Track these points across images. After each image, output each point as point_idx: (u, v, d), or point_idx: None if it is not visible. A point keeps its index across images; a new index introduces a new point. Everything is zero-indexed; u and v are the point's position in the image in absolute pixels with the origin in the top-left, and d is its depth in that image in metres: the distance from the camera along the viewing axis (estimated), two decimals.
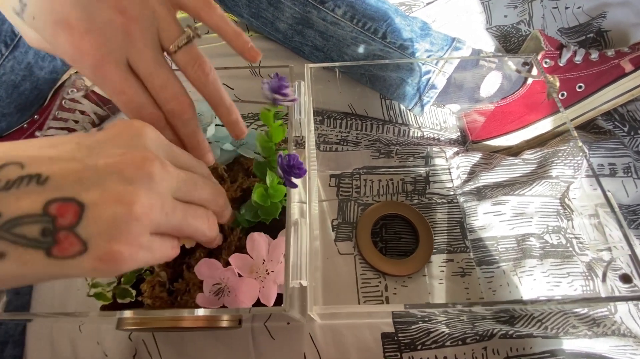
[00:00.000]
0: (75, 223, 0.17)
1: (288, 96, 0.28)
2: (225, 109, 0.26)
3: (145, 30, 0.22)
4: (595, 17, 0.61)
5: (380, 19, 0.48)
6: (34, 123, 0.54)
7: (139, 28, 0.22)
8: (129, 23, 0.21)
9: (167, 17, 0.23)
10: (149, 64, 0.23)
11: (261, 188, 0.30)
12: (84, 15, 0.21)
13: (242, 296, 0.29)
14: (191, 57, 0.24)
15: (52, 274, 0.18)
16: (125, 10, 0.21)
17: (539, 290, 0.40)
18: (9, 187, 0.17)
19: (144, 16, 0.22)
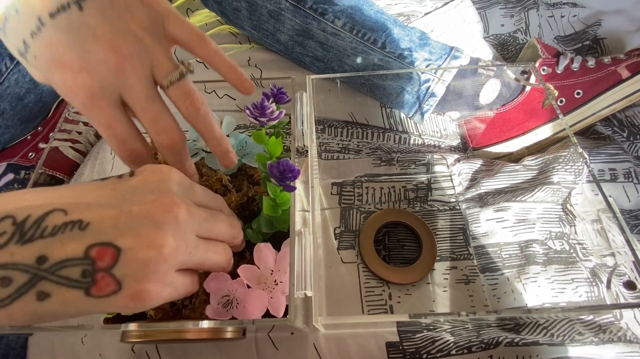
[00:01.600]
0: (112, 265, 0.19)
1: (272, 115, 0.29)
2: (216, 141, 0.27)
3: (138, 68, 0.23)
4: (590, 25, 0.62)
5: (380, 29, 0.48)
6: (37, 134, 0.55)
7: (132, 66, 0.23)
8: (123, 61, 0.23)
9: (161, 54, 0.24)
10: (141, 100, 0.24)
11: (269, 201, 0.31)
12: (78, 55, 0.22)
13: (251, 307, 0.28)
14: (183, 92, 0.25)
15: (88, 311, 0.20)
16: (119, 49, 0.22)
17: (544, 296, 0.40)
18: (54, 233, 0.19)
19: (137, 53, 0.23)
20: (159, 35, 0.24)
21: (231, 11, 0.53)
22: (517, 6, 0.66)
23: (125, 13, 0.23)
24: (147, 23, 0.24)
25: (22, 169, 0.53)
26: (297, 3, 0.48)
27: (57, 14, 0.22)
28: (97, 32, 0.22)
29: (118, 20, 0.23)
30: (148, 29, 0.24)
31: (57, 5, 0.22)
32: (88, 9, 0.22)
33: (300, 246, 0.28)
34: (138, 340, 0.29)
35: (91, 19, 0.22)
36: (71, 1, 0.22)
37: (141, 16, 0.24)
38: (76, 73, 0.22)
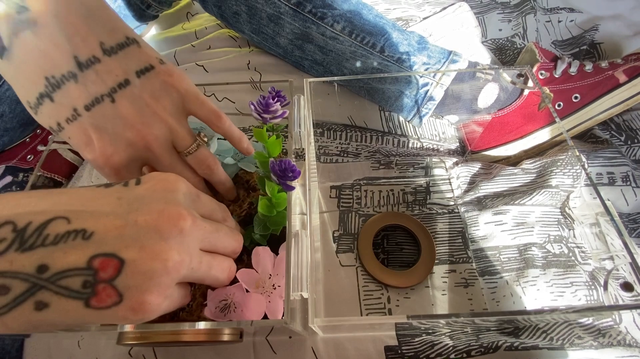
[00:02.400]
0: (114, 277, 0.19)
1: (276, 112, 0.29)
2: (222, 186, 0.32)
3: (162, 143, 0.27)
4: (587, 29, 0.63)
5: (378, 33, 0.49)
6: (36, 137, 0.55)
7: (157, 143, 0.26)
8: (149, 143, 0.26)
9: (181, 131, 0.28)
10: (165, 166, 0.28)
11: (265, 200, 0.31)
12: (111, 142, 0.25)
13: (249, 312, 0.28)
14: (199, 159, 0.29)
15: (85, 322, 0.19)
16: (146, 135, 0.26)
17: (543, 300, 0.39)
18: (57, 242, 0.19)
19: (161, 133, 0.27)
20: (180, 115, 0.28)
21: (231, 15, 0.53)
22: (514, 11, 0.67)
23: (152, 100, 0.26)
24: (170, 106, 0.27)
25: (21, 172, 0.53)
26: (296, 7, 0.48)
27: (92, 107, 0.24)
28: (128, 121, 0.25)
29: (145, 108, 0.26)
30: (171, 112, 0.27)
31: (92, 99, 0.24)
32: (120, 101, 0.25)
33: (297, 248, 0.28)
34: (135, 342, 0.29)
35: (123, 109, 0.25)
36: (105, 94, 0.25)
37: (166, 101, 0.27)
38: (108, 157, 0.26)
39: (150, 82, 0.26)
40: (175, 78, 0.27)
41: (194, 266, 0.22)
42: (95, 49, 0.24)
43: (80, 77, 0.24)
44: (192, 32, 0.65)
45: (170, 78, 0.27)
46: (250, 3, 0.50)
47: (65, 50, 0.23)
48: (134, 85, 0.25)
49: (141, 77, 0.26)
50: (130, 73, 0.25)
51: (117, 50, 0.25)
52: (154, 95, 0.26)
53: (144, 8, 0.57)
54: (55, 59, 0.23)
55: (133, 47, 0.26)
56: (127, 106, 0.25)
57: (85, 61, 0.24)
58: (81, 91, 0.24)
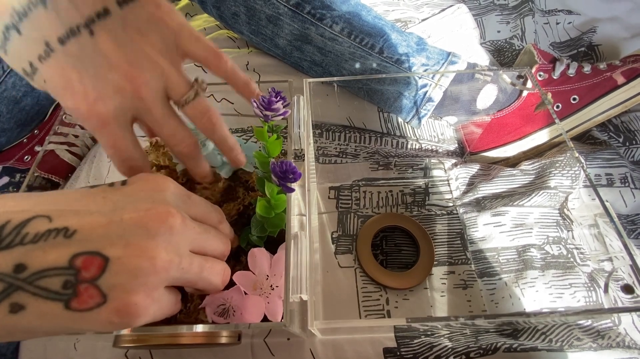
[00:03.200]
0: (97, 276, 0.17)
1: (278, 111, 0.29)
2: (229, 147, 0.29)
3: (154, 92, 0.23)
4: (585, 31, 0.63)
5: (377, 34, 0.49)
6: (33, 137, 0.55)
7: (147, 90, 0.23)
8: (139, 87, 0.22)
9: (175, 75, 0.24)
10: (157, 118, 0.24)
11: (263, 201, 0.30)
12: (93, 84, 0.21)
13: (248, 314, 0.28)
14: (199, 110, 0.25)
15: (66, 327, 0.18)
16: (135, 77, 0.22)
17: (542, 301, 0.39)
18: (36, 240, 0.17)
19: (153, 79, 0.23)
20: (173, 55, 0.24)
21: (230, 16, 0.53)
22: (513, 13, 0.67)
23: (138, 36, 0.22)
24: (160, 44, 0.23)
25: (18, 172, 0.52)
26: (295, 8, 0.48)
27: (67, 40, 0.21)
28: (112, 60, 0.21)
29: (131, 45, 0.22)
30: (162, 51, 0.23)
31: (66, 29, 0.20)
32: (99, 34, 0.21)
33: (296, 250, 0.27)
34: (131, 345, 0.29)
35: (104, 45, 0.21)
36: (81, 25, 0.21)
37: (155, 38, 0.23)
38: (91, 103, 0.22)
39: (135, 14, 0.22)
40: (164, 10, 0.23)
41: (184, 267, 0.21)
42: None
43: (50, 3, 0.20)
44: None
45: (158, 10, 0.23)
46: (249, 4, 0.50)
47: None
48: (115, 15, 0.21)
49: (123, 7, 0.21)
50: (109, 1, 0.21)
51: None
52: (140, 30, 0.22)
53: None
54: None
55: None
56: (108, 41, 0.21)
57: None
58: (52, 19, 0.20)
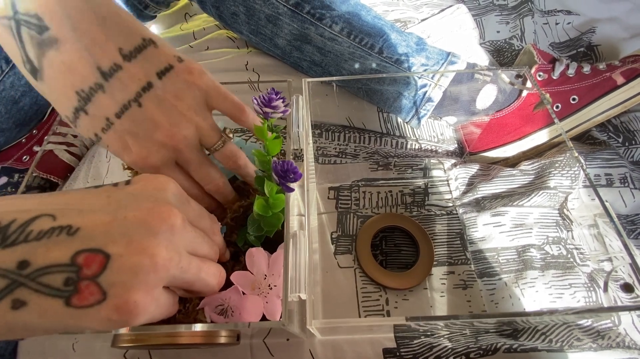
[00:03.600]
0: (98, 273, 0.18)
1: (278, 108, 0.29)
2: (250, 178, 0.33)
3: (190, 144, 0.28)
4: (585, 32, 0.63)
5: (377, 34, 0.49)
6: (32, 138, 0.55)
7: (185, 144, 0.27)
8: (177, 143, 0.27)
9: (206, 128, 0.28)
10: (194, 165, 0.29)
11: (261, 200, 0.30)
12: (143, 144, 0.26)
13: (247, 314, 0.28)
14: (226, 155, 0.30)
15: (66, 325, 0.18)
16: (175, 135, 0.27)
17: (542, 301, 0.39)
18: (40, 238, 0.18)
19: (189, 133, 0.27)
20: (205, 111, 0.28)
21: (229, 15, 0.53)
22: (512, 13, 0.67)
23: (176, 100, 0.26)
24: (194, 104, 0.27)
25: (17, 172, 0.52)
26: (295, 8, 0.48)
27: (122, 114, 0.25)
28: (157, 123, 0.26)
29: (171, 109, 0.26)
30: (196, 110, 0.27)
31: (121, 106, 0.25)
32: (146, 104, 0.26)
33: (294, 249, 0.27)
34: (130, 345, 0.28)
35: (149, 112, 0.26)
36: (132, 100, 0.25)
37: (189, 99, 0.27)
38: (143, 159, 0.27)
39: (172, 82, 0.26)
40: (195, 75, 0.27)
41: (184, 266, 0.21)
42: (115, 56, 0.25)
43: (106, 86, 0.25)
44: (190, 32, 0.65)
45: (190, 76, 0.27)
46: (249, 4, 0.50)
47: (88, 62, 0.24)
48: (156, 87, 0.26)
49: (162, 78, 0.26)
50: (151, 75, 0.26)
51: (135, 54, 0.25)
52: (177, 95, 0.27)
53: (142, 8, 0.57)
54: (81, 72, 0.24)
55: (150, 49, 0.26)
56: (153, 108, 0.26)
57: (108, 70, 0.25)
58: (110, 100, 0.25)
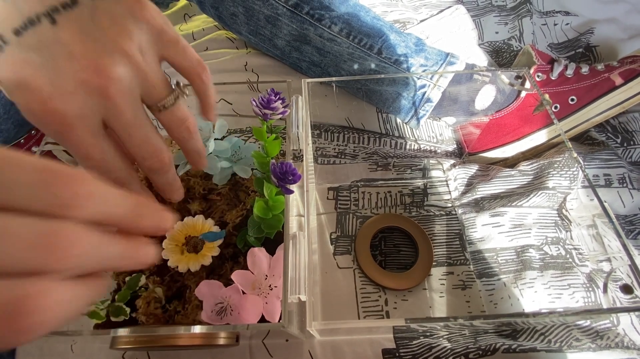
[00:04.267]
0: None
1: (277, 110, 0.29)
2: (197, 156, 0.25)
3: (125, 91, 0.19)
4: (583, 33, 0.63)
5: (376, 35, 0.49)
6: (31, 138, 0.54)
7: (118, 89, 0.19)
8: (107, 84, 0.19)
9: (154, 76, 0.21)
10: (127, 124, 0.20)
11: (261, 202, 0.30)
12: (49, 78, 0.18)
13: (246, 313, 0.28)
14: (177, 117, 0.22)
15: None
16: (102, 70, 0.18)
17: (541, 302, 0.39)
18: None
19: (125, 75, 0.19)
20: (152, 54, 0.21)
21: (228, 16, 0.53)
22: (511, 14, 0.67)
23: (112, 26, 0.19)
24: (137, 38, 0.20)
25: None
26: (294, 9, 0.48)
27: (24, 31, 0.18)
28: (75, 50, 0.18)
29: (101, 36, 0.19)
30: (140, 46, 0.20)
31: (24, 19, 0.18)
32: (62, 23, 0.18)
33: (294, 250, 0.27)
34: (128, 346, 0.28)
35: (66, 34, 0.18)
36: (41, 14, 0.18)
37: (132, 31, 0.20)
38: (45, 100, 0.18)
39: (110, 6, 0.19)
40: (148, 9, 0.20)
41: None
42: None
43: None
44: (190, 33, 0.65)
45: (138, 5, 0.20)
46: (248, 4, 0.50)
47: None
48: (84, 5, 0.19)
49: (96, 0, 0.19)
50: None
51: None
52: (115, 20, 0.19)
53: None
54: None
55: None
56: (73, 30, 0.18)
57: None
58: (11, 11, 0.18)
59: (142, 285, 0.34)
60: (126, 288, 0.33)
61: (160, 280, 0.34)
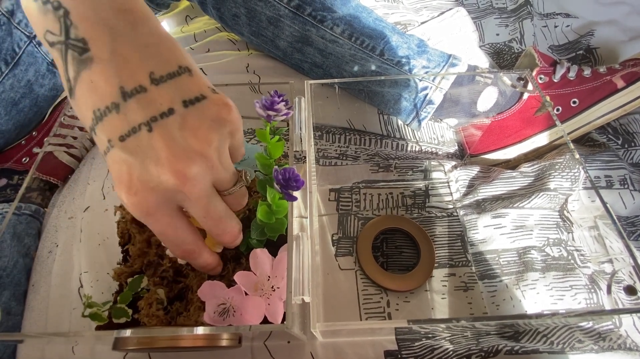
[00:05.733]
0: None
1: (280, 111, 0.29)
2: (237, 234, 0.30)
3: (199, 186, 0.23)
4: (583, 35, 0.63)
5: (378, 36, 0.49)
6: (32, 139, 0.54)
7: (192, 185, 0.23)
8: (185, 183, 0.23)
9: (224, 172, 0.25)
10: (201, 211, 0.25)
11: (264, 206, 0.30)
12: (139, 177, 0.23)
13: (248, 315, 0.28)
14: (237, 199, 0.28)
15: None
16: (180, 172, 0.22)
17: (543, 303, 0.39)
18: None
19: (200, 174, 0.23)
20: (225, 150, 0.25)
21: (230, 17, 0.53)
22: (511, 16, 0.67)
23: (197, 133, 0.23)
24: (217, 143, 0.24)
25: (16, 174, 0.52)
26: (296, 10, 0.48)
27: (127, 137, 0.22)
28: (161, 156, 0.22)
29: (186, 141, 0.23)
30: (218, 149, 0.24)
31: (129, 128, 0.22)
32: (157, 131, 0.22)
33: (298, 252, 0.27)
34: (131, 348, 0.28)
35: (158, 142, 0.22)
36: (142, 123, 0.22)
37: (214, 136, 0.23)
38: (134, 194, 0.23)
39: (199, 113, 0.23)
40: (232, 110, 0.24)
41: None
42: (142, 79, 0.23)
43: (122, 106, 0.22)
44: (191, 34, 0.65)
45: (224, 110, 0.24)
46: (250, 5, 0.50)
47: (112, 82, 0.22)
48: (178, 114, 0.23)
49: (189, 107, 0.23)
50: (176, 102, 0.23)
51: (166, 79, 0.23)
52: (201, 128, 0.23)
53: None
54: (103, 91, 0.22)
55: (184, 77, 0.24)
56: (164, 137, 0.22)
57: (130, 91, 0.22)
58: (120, 121, 0.22)
59: (144, 286, 0.33)
60: (128, 289, 0.33)
61: (162, 281, 0.34)
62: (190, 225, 0.26)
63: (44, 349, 0.39)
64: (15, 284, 0.41)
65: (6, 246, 0.41)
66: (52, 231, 0.45)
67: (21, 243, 0.43)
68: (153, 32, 0.24)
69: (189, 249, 0.27)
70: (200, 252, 0.28)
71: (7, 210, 0.45)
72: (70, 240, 0.44)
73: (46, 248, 0.44)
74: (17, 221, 0.44)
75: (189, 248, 0.27)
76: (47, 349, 0.39)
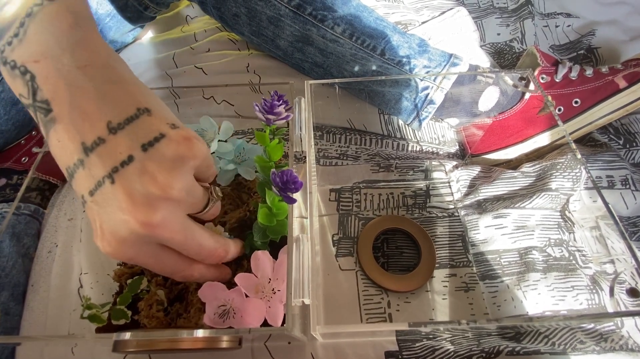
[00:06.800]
0: None
1: (280, 115, 0.28)
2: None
3: (171, 227, 0.24)
4: (584, 34, 0.63)
5: (379, 36, 0.49)
6: (31, 139, 0.54)
7: (162, 228, 0.23)
8: (153, 230, 0.23)
9: (194, 201, 0.25)
10: (179, 244, 0.25)
11: (264, 209, 0.30)
12: (110, 230, 0.23)
13: (249, 317, 0.28)
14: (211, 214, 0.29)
15: None
16: (146, 222, 0.22)
17: (544, 304, 0.39)
18: None
19: (167, 215, 0.23)
20: (194, 184, 0.25)
21: (230, 17, 0.53)
22: (512, 16, 0.67)
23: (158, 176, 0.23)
24: (182, 179, 0.23)
25: (15, 174, 0.52)
26: (296, 9, 0.48)
27: (95, 191, 0.23)
28: (124, 207, 0.22)
29: (143, 190, 0.22)
30: (185, 184, 0.24)
31: (95, 183, 0.22)
32: (118, 182, 0.22)
33: (298, 253, 0.27)
34: (131, 350, 0.28)
35: (119, 193, 0.22)
36: (105, 176, 0.22)
37: (177, 173, 0.23)
38: (113, 246, 0.23)
39: (159, 155, 0.23)
40: (193, 143, 0.24)
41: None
42: (101, 130, 0.22)
43: (86, 162, 0.22)
44: (191, 34, 0.65)
45: (183, 145, 0.24)
46: (250, 5, 0.49)
47: (74, 139, 0.22)
48: (137, 160, 0.22)
49: (148, 150, 0.23)
50: (135, 148, 0.23)
51: (123, 126, 0.23)
52: (161, 171, 0.23)
53: (142, 9, 0.56)
54: (68, 149, 0.23)
55: (143, 118, 0.23)
56: (124, 187, 0.22)
57: (90, 145, 0.22)
58: (86, 177, 0.23)
59: (144, 288, 0.33)
60: (128, 290, 0.33)
61: (162, 282, 0.33)
62: (179, 256, 0.26)
63: (43, 350, 0.39)
64: (14, 284, 0.41)
65: (5, 246, 0.41)
66: (51, 231, 0.45)
67: (20, 243, 0.43)
68: (113, 80, 0.24)
69: (186, 275, 0.28)
70: (200, 274, 0.28)
71: (6, 210, 0.45)
72: (70, 240, 0.44)
73: (45, 248, 0.44)
74: (16, 221, 0.44)
75: (185, 274, 0.27)
76: (46, 350, 0.39)
